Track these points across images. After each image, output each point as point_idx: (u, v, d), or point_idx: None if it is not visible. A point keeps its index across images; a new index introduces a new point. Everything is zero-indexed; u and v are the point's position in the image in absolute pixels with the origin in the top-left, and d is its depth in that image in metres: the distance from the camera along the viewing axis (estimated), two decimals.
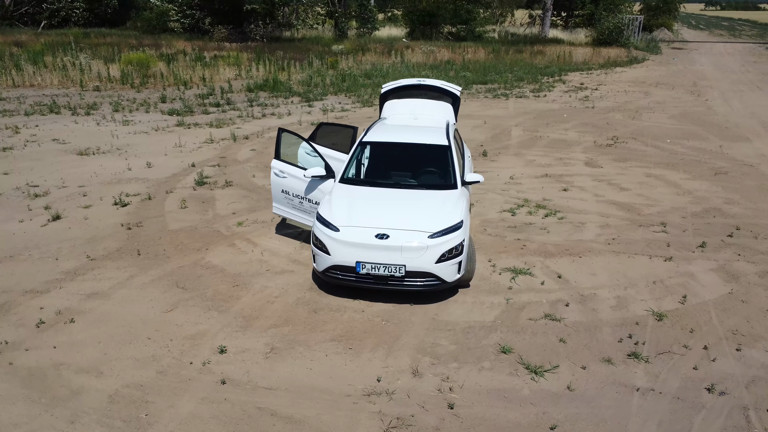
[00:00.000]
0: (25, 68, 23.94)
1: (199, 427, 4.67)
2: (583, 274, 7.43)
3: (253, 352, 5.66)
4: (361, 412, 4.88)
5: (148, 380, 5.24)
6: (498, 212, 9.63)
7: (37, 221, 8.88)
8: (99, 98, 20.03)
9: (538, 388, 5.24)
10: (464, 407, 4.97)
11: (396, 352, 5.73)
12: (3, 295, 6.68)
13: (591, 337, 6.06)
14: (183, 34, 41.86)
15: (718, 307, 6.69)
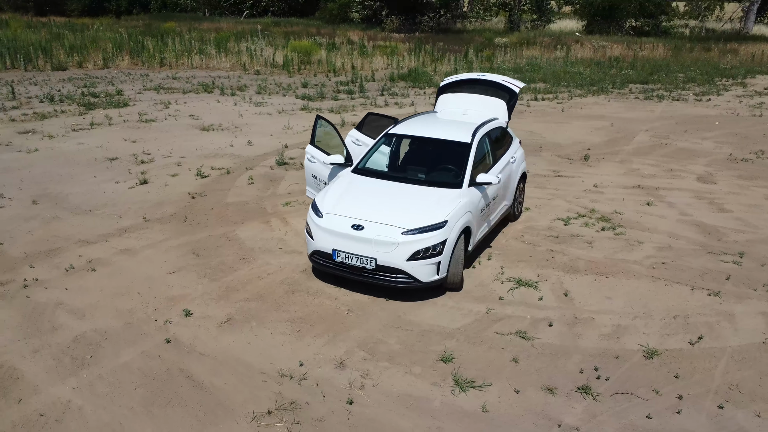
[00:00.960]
0: (207, 52, 27.02)
1: (122, 376, 5.22)
2: (596, 296, 6.75)
3: (211, 320, 6.11)
4: (264, 390, 5.07)
5: (113, 329, 5.93)
6: (551, 220, 9.02)
7: (128, 184, 10.24)
8: (252, 81, 22.06)
9: (452, 403, 4.98)
10: (362, 405, 4.92)
11: (338, 341, 5.80)
12: (60, 241, 7.90)
13: (550, 363, 5.55)
14: (359, 25, 43.96)
15: (735, 355, 5.71)
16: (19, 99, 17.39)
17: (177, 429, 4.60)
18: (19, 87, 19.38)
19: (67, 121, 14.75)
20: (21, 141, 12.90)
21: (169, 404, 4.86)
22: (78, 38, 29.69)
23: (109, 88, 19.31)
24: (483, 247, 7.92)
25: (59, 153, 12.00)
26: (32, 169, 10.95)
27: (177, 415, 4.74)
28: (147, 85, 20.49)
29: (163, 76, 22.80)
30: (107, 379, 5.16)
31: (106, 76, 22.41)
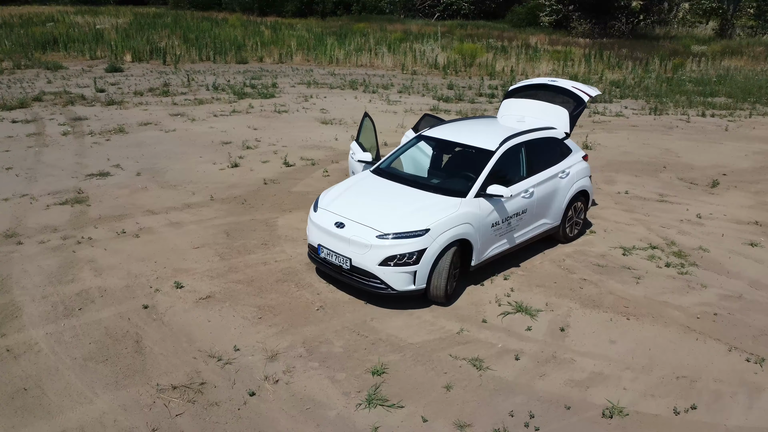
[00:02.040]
0: (379, 52, 28.14)
1: (89, 331, 5.83)
2: (597, 337, 5.93)
3: (193, 294, 6.55)
4: (187, 366, 5.34)
5: (112, 289, 6.65)
6: (611, 247, 8.05)
7: (221, 166, 11.25)
8: (403, 81, 22.59)
9: (347, 417, 4.79)
10: (260, 399, 4.95)
11: (287, 334, 5.86)
12: (132, 209, 8.98)
13: (485, 397, 5.03)
14: (546, 29, 42.43)
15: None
16: (191, 86, 19.83)
17: (94, 383, 5.03)
18: (198, 76, 22.08)
19: (214, 108, 16.49)
20: (168, 122, 14.74)
21: (104, 362, 5.33)
22: (272, 36, 32.80)
23: (269, 81, 21.11)
24: (508, 265, 7.36)
25: (189, 134, 13.51)
26: (158, 147, 12.48)
27: (103, 371, 5.19)
28: (303, 79, 22.02)
29: (324, 73, 24.30)
30: (77, 330, 5.80)
31: (275, 70, 24.54)
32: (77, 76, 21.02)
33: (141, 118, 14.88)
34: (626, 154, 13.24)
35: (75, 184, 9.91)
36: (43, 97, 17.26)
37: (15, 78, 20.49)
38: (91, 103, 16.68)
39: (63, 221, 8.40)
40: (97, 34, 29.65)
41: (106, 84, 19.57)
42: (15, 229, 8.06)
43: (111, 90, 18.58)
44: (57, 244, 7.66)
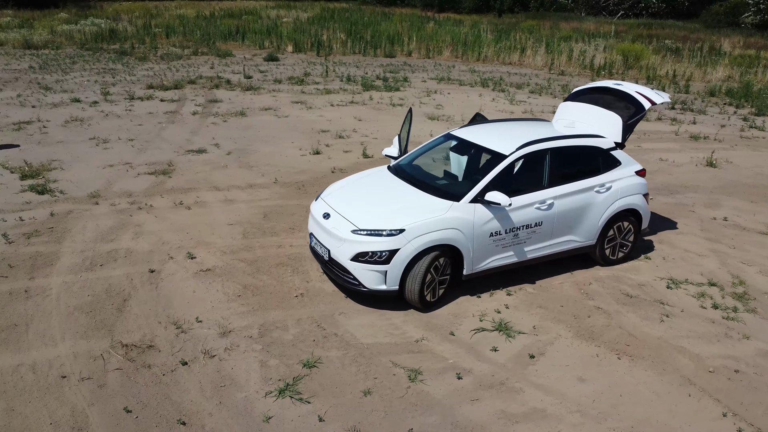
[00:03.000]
0: (535, 49, 27.20)
1: (95, 285, 6.54)
2: (567, 372, 5.34)
3: (198, 266, 7.06)
4: (147, 329, 5.79)
5: (138, 251, 7.40)
6: (657, 277, 7.14)
7: (304, 152, 11.82)
8: (543, 81, 21.61)
9: (252, 401, 4.87)
10: (187, 370, 5.20)
11: (251, 315, 6.09)
12: (201, 183, 9.85)
13: (397, 410, 4.79)
14: (748, 30, 37.57)
15: None
16: (328, 76, 20.88)
17: (67, 330, 5.69)
18: (340, 67, 23.14)
19: (336, 98, 17.23)
20: (286, 108, 15.75)
21: (88, 313, 5.99)
22: (431, 32, 33.12)
23: (403, 75, 21.46)
24: (521, 280, 6.89)
25: (297, 121, 14.32)
26: (262, 130, 13.43)
27: (81, 321, 5.84)
28: (439, 75, 22.02)
29: (464, 70, 24.06)
30: (86, 283, 6.57)
31: (417, 65, 24.83)
32: (237, 64, 23.16)
33: (265, 103, 16.03)
34: (758, 176, 11.39)
35: (172, 158, 11.04)
36: (198, 80, 19.32)
37: (187, 63, 23.18)
38: (233, 88, 18.31)
39: (141, 189, 9.44)
40: (271, 27, 32.26)
41: (255, 71, 21.33)
42: (100, 191, 9.23)
43: (257, 77, 20.22)
44: (122, 208, 8.64)
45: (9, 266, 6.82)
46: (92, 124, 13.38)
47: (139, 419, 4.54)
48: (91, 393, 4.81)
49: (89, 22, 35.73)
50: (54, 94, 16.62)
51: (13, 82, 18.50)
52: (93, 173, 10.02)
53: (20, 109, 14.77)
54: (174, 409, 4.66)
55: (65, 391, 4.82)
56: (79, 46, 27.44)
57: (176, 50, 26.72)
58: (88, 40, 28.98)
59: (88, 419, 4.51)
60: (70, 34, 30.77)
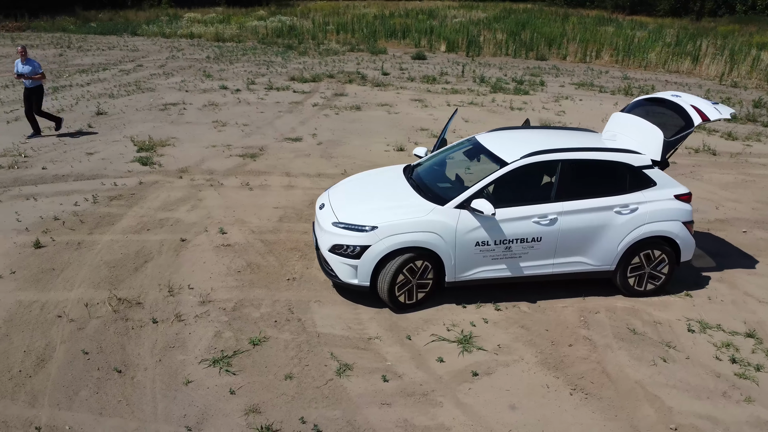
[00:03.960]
0: (714, 57, 24.54)
1: (129, 245, 7.45)
2: (503, 396, 5.00)
3: (222, 240, 7.70)
4: (147, 287, 6.52)
5: (184, 221, 8.26)
6: (684, 318, 6.35)
7: (388, 148, 12.14)
8: (699, 92, 19.51)
9: (185, 364, 5.33)
10: (152, 328, 5.80)
11: (237, 290, 6.52)
12: (278, 169, 10.63)
13: (306, 397, 4.87)
14: None
15: None
16: (462, 77, 20.85)
17: (87, 280, 6.63)
18: (482, 68, 22.92)
19: (459, 98, 17.23)
20: (402, 106, 16.16)
21: (111, 268, 6.90)
22: (598, 35, 31.21)
23: (542, 79, 20.68)
24: (521, 296, 6.51)
25: (403, 118, 14.62)
26: (365, 124, 13.98)
27: (102, 274, 6.75)
28: (582, 80, 20.84)
29: (615, 76, 22.44)
30: (125, 243, 7.55)
31: (565, 69, 23.68)
32: (383, 61, 24.06)
33: (385, 100, 16.56)
34: None
35: (268, 144, 12.01)
36: (337, 75, 20.49)
37: (338, 59, 24.63)
38: (365, 83, 19.13)
39: (223, 168, 10.45)
40: (431, 27, 32.82)
41: (395, 69, 22.01)
42: (190, 167, 10.40)
43: (394, 74, 20.87)
44: (198, 183, 9.67)
45: (80, 221, 8.04)
46: (222, 110, 14.91)
47: (89, 361, 5.19)
48: (69, 333, 5.59)
49: (276, 19, 39.26)
50: (210, 81, 18.72)
51: (186, 70, 21.16)
52: (195, 152, 11.26)
53: (175, 93, 16.94)
54: (120, 358, 5.25)
55: (52, 328, 5.66)
56: (258, 41, 30.34)
57: (336, 46, 28.41)
58: (268, 35, 31.93)
59: (53, 354, 5.27)
60: (255, 30, 34.12)
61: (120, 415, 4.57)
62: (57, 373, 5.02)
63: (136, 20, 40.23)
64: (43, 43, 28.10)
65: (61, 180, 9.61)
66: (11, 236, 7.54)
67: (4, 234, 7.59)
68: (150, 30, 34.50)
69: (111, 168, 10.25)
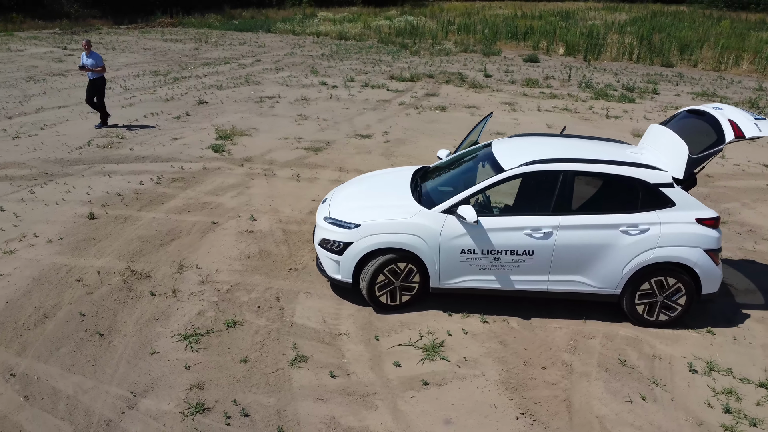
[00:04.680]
0: None
1: (170, 223, 8.04)
2: (442, 409, 4.84)
3: (247, 226, 8.06)
4: (161, 263, 7.05)
5: (224, 206, 8.78)
6: (689, 355, 5.77)
7: (452, 149, 12.02)
8: None
9: (159, 336, 5.71)
10: (146, 299, 6.26)
11: (238, 275, 6.85)
12: (335, 163, 10.93)
13: (249, 382, 4.98)
14: None
15: None
16: (567, 82, 19.96)
17: (116, 251, 7.32)
18: (595, 73, 21.73)
19: (551, 103, 16.57)
20: (491, 108, 15.85)
21: (141, 243, 7.52)
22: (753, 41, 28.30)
23: (655, 87, 19.24)
24: (517, 311, 6.21)
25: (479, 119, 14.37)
26: (441, 125, 13.91)
27: (129, 247, 7.39)
28: (703, 90, 19.09)
29: (749, 86, 20.29)
30: (165, 220, 8.21)
31: (692, 77, 21.77)
32: (492, 63, 23.68)
33: (475, 102, 16.35)
34: None
35: (337, 139, 12.38)
36: (437, 75, 20.52)
37: (447, 59, 24.62)
38: (461, 85, 18.99)
39: (284, 160, 10.96)
40: (554, 28, 31.61)
41: (500, 71, 21.60)
42: (254, 157, 11.04)
43: (496, 77, 20.51)
44: (254, 172, 10.25)
45: (136, 199, 8.85)
46: (311, 105, 15.54)
47: (81, 323, 5.76)
48: (78, 296, 6.22)
49: (403, 18, 39.90)
50: (314, 77, 19.56)
51: (297, 66, 22.27)
52: (266, 142, 11.89)
53: (277, 87, 17.95)
54: (109, 324, 5.76)
55: (67, 290, 6.33)
56: (378, 40, 31.10)
57: (450, 47, 28.35)
58: (390, 34, 32.59)
59: (56, 313, 5.91)
60: (379, 29, 34.97)
61: (83, 374, 5.02)
62: (51, 330, 5.60)
63: (275, 18, 42.84)
64: (186, 38, 30.88)
65: (140, 161, 10.58)
66: (76, 207, 8.45)
67: (71, 205, 8.52)
68: (283, 27, 36.57)
69: (186, 153, 11.09)
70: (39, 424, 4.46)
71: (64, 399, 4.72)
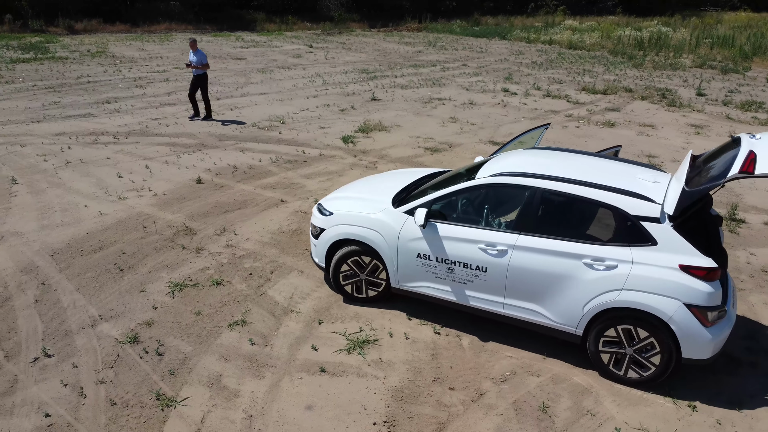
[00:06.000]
0: None
1: (249, 193, 9.33)
2: (314, 394, 4.90)
3: (304, 206, 8.98)
4: (210, 224, 8.32)
5: (305, 187, 9.73)
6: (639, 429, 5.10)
7: None
8: None
9: (136, 278, 6.94)
10: (160, 249, 7.60)
11: (263, 247, 7.63)
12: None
13: (177, 330, 5.80)
14: None
15: None
16: None
17: (189, 209, 8.71)
18: None
19: (753, 130, 14.27)
20: (669, 130, 14.17)
21: (212, 207, 8.81)
22: None
23: None
24: (491, 333, 5.89)
25: (648, 141, 12.83)
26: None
27: (202, 209, 8.61)
28: None
29: None
30: (246, 193, 9.36)
31: None
32: (721, 81, 20.85)
33: (655, 121, 14.88)
34: None
35: (465, 143, 12.43)
36: (637, 90, 18.91)
37: (668, 74, 22.35)
38: (659, 101, 17.25)
39: (397, 156, 11.45)
40: None
41: (722, 90, 19.01)
42: (372, 151, 11.77)
43: (712, 95, 18.14)
44: (359, 163, 10.96)
45: (244, 172, 10.23)
46: (472, 109, 15.73)
47: (118, 258, 7.06)
48: (133, 238, 7.60)
49: (655, 29, 36.81)
50: (501, 84, 19.57)
51: (496, 72, 22.41)
52: (395, 139, 12.50)
53: (456, 90, 18.39)
54: (133, 262, 6.99)
55: (130, 232, 7.77)
56: (609, 50, 29.40)
57: (685, 61, 25.51)
58: (627, 45, 30.45)
59: (108, 247, 7.33)
60: (619, 39, 32.90)
61: (84, 294, 6.26)
62: (93, 258, 7.02)
63: (519, 25, 42.86)
64: (418, 42, 32.91)
65: (277, 142, 12.03)
66: (196, 173, 10.10)
67: (194, 170, 10.21)
68: (518, 35, 36.53)
69: (320, 141, 12.26)
70: (27, 321, 5.74)
71: (58, 309, 5.95)
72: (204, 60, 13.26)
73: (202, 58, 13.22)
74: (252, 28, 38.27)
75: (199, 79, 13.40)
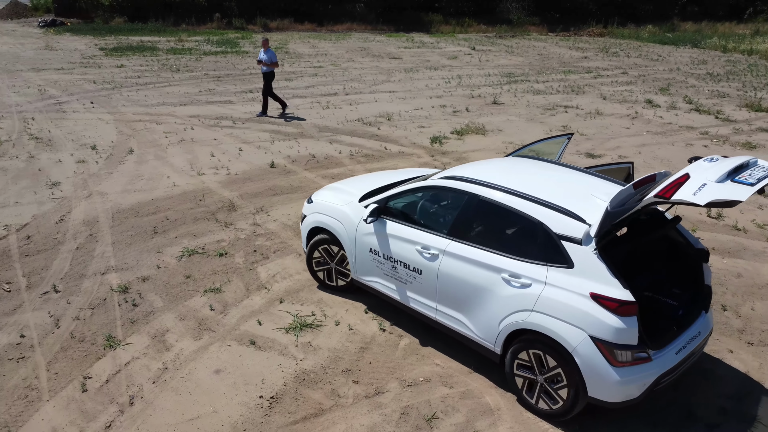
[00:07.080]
0: None
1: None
2: (228, 360, 5.45)
3: None
4: (248, 204, 9.15)
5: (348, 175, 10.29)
6: None
7: None
8: None
9: (154, 242, 7.86)
10: (188, 221, 8.51)
11: (281, 228, 8.44)
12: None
13: (166, 293, 6.63)
14: None
15: None
16: None
17: (246, 190, 9.70)
18: None
19: None
20: None
21: (247, 198, 9.77)
22: None
23: None
24: (424, 336, 5.85)
25: None
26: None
27: (241, 189, 9.70)
28: None
29: None
30: (317, 180, 10.20)
31: None
32: None
33: None
34: None
35: None
36: None
37: None
38: None
39: (475, 159, 11.47)
40: None
41: None
42: (454, 152, 11.79)
43: None
44: (432, 163, 10.99)
45: (317, 162, 10.92)
46: (594, 119, 14.88)
47: (160, 223, 8.09)
48: (183, 209, 8.60)
49: None
50: (650, 95, 18.15)
51: (655, 82, 20.73)
52: (486, 143, 12.32)
53: (590, 98, 17.43)
54: (170, 228, 7.93)
55: (186, 203, 8.79)
56: None
57: None
58: None
59: (160, 213, 8.44)
60: None
61: (116, 248, 7.35)
62: (143, 221, 8.13)
63: (723, 32, 38.48)
64: (589, 47, 31.30)
65: (370, 137, 12.55)
66: (276, 158, 11.03)
67: (276, 156, 11.14)
68: (712, 43, 33.01)
69: (410, 139, 12.58)
70: (61, 262, 6.91)
71: (87, 256, 7.06)
72: (273, 59, 13.91)
73: (272, 56, 13.89)
74: (427, 29, 39.24)
75: (267, 77, 14.06)
